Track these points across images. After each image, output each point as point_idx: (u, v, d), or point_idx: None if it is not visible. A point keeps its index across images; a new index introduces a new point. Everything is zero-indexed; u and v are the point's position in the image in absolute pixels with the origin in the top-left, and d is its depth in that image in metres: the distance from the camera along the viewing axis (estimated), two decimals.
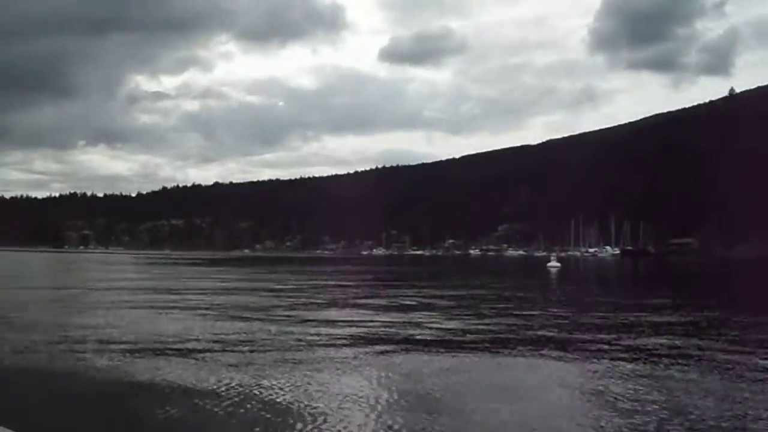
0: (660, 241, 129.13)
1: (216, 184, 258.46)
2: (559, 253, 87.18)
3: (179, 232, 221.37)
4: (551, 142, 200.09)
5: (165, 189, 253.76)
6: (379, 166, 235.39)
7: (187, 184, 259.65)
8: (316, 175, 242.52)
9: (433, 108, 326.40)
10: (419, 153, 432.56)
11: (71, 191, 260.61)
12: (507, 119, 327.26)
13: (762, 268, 51.02)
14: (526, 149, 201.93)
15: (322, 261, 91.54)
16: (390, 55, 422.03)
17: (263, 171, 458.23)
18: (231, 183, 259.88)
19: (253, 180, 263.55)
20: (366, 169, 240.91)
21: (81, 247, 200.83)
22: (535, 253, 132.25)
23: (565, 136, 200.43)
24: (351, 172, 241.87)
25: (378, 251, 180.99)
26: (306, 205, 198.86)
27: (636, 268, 62.44)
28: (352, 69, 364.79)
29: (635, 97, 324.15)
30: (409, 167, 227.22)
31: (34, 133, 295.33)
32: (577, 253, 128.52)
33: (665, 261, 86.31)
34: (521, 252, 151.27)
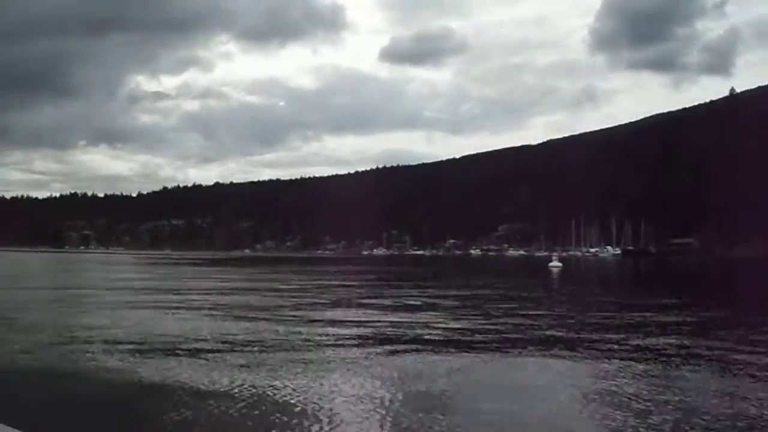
0: (661, 241, 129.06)
1: (216, 184, 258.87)
2: (560, 253, 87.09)
3: (180, 233, 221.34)
4: (552, 142, 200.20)
5: (165, 189, 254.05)
6: (380, 166, 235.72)
7: (188, 184, 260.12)
8: (317, 175, 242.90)
9: (434, 108, 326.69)
10: (419, 153, 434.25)
11: (72, 191, 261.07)
12: (507, 119, 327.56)
13: (763, 269, 50.98)
14: (526, 149, 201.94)
15: (322, 261, 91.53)
16: (390, 55, 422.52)
17: (263, 171, 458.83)
18: (231, 183, 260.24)
19: (254, 180, 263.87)
20: (366, 169, 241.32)
21: (81, 247, 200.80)
22: (536, 253, 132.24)
23: (565, 136, 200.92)
24: (351, 172, 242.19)
25: (378, 251, 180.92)
26: (306, 205, 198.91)
27: (637, 268, 62.43)
28: (353, 69, 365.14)
29: (636, 97, 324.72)
30: (409, 167, 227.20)
31: (35, 133, 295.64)
32: (578, 253, 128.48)
33: (666, 261, 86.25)
34: (522, 252, 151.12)
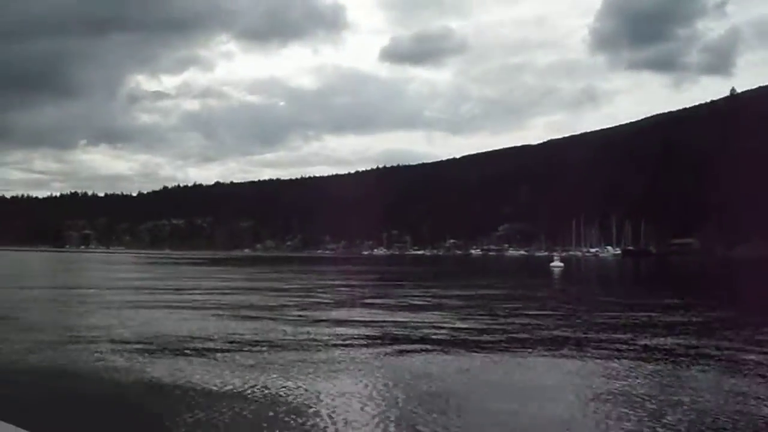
0: (661, 242, 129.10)
1: (217, 183, 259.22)
2: (561, 253, 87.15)
3: (180, 232, 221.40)
4: (552, 142, 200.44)
5: (166, 189, 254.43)
6: (380, 166, 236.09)
7: (188, 184, 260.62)
8: (317, 175, 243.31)
9: (434, 108, 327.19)
10: (420, 153, 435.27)
11: (72, 191, 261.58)
12: (507, 119, 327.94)
13: (764, 269, 50.98)
14: (526, 149, 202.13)
15: (322, 261, 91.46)
16: (390, 55, 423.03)
17: (264, 171, 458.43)
18: (232, 183, 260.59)
19: (254, 180, 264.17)
20: (366, 169, 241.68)
21: (82, 246, 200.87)
22: (536, 253, 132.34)
23: (565, 136, 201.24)
24: (351, 172, 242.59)
25: (379, 251, 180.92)
26: (306, 205, 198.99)
27: (638, 269, 62.43)
28: (353, 69, 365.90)
29: (636, 97, 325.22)
30: (409, 167, 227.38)
31: (35, 132, 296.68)
32: (578, 253, 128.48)
33: (666, 261, 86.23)
34: (522, 252, 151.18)
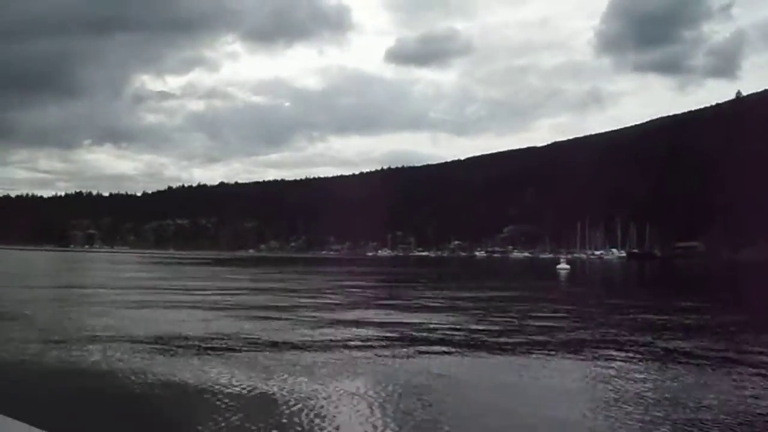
0: (666, 244, 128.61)
1: (221, 184, 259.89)
2: (566, 256, 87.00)
3: (184, 232, 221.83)
4: (557, 144, 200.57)
5: (170, 189, 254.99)
6: (385, 167, 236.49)
7: (193, 184, 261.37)
8: (322, 176, 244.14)
9: (439, 109, 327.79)
10: (424, 154, 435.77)
11: (77, 190, 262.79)
12: (513, 121, 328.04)
13: None
14: (531, 151, 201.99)
15: (327, 262, 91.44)
16: (396, 56, 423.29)
17: (268, 171, 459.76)
18: (236, 183, 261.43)
19: (259, 180, 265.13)
20: (371, 170, 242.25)
21: (86, 246, 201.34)
22: (541, 255, 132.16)
23: (571, 138, 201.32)
24: (356, 173, 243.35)
25: (383, 252, 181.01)
26: (311, 206, 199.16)
27: (642, 271, 62.28)
28: (358, 70, 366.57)
29: (641, 100, 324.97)
30: (414, 168, 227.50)
31: (40, 132, 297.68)
32: (583, 255, 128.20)
33: (672, 264, 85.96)
34: (527, 254, 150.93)
